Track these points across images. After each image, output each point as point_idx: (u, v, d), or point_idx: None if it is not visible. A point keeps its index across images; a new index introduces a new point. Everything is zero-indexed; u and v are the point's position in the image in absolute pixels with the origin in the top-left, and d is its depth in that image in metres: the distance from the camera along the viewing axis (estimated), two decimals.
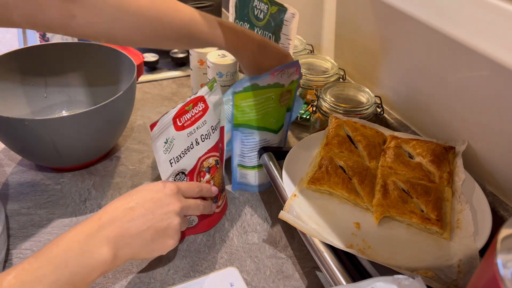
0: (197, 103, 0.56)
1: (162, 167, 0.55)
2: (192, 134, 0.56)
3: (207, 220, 0.64)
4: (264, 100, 0.64)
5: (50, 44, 0.80)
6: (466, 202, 0.55)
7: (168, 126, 0.53)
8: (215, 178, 0.62)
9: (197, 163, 0.59)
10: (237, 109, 0.63)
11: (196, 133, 0.57)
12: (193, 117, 0.56)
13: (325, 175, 0.59)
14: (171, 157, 0.55)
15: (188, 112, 0.55)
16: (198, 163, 0.59)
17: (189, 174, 0.58)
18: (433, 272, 0.47)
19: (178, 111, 0.54)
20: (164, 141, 0.54)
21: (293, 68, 0.64)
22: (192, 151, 0.57)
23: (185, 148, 0.56)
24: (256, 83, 0.61)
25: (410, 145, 0.63)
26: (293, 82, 0.66)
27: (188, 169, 0.58)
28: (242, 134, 0.66)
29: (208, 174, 0.61)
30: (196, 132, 0.57)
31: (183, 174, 0.58)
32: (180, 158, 0.56)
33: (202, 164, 0.59)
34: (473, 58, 0.60)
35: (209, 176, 0.61)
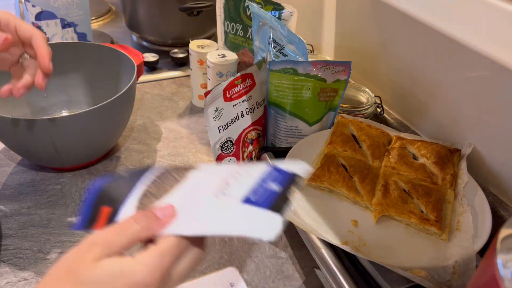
0: (246, 79, 0.62)
1: (212, 132, 0.61)
2: (237, 106, 0.63)
3: None
4: (300, 88, 0.64)
5: (50, 44, 0.80)
6: (468, 205, 0.55)
7: (219, 96, 0.60)
8: (257, 150, 0.69)
9: (242, 134, 0.65)
10: (272, 86, 0.65)
11: (241, 106, 0.63)
12: (240, 91, 0.62)
13: (326, 172, 0.59)
14: (220, 124, 0.61)
15: (236, 86, 0.62)
16: (243, 134, 0.65)
17: (236, 143, 0.65)
18: (427, 272, 0.47)
19: (228, 84, 0.60)
20: (214, 109, 0.60)
21: (340, 67, 0.64)
22: (238, 122, 0.64)
23: (232, 118, 0.63)
24: (295, 68, 0.63)
25: (415, 146, 0.64)
26: (339, 82, 0.65)
27: (234, 138, 0.64)
28: (276, 114, 0.68)
29: (251, 145, 0.67)
30: (242, 105, 0.63)
31: (230, 142, 0.64)
32: (227, 127, 0.63)
33: (247, 135, 0.65)
34: (473, 58, 0.60)
35: (252, 147, 0.67)
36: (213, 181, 0.37)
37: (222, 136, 0.63)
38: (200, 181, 0.38)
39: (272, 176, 0.37)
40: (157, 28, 1.08)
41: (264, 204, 0.34)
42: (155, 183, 0.39)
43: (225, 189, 0.36)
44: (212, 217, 0.35)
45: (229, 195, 0.35)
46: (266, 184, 0.36)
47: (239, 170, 0.38)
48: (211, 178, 0.38)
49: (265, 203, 0.34)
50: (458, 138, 0.66)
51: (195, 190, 0.37)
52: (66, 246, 0.61)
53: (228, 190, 0.36)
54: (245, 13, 0.86)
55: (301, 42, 0.68)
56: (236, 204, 0.34)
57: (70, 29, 0.97)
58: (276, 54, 0.70)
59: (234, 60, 0.83)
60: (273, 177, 0.37)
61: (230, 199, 0.35)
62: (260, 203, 0.34)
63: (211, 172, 0.40)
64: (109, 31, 1.22)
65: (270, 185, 0.36)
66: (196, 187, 0.38)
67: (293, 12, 0.78)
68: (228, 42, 0.92)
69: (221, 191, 0.36)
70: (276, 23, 0.67)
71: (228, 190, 0.36)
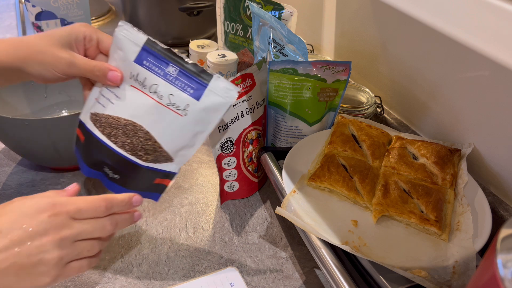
0: (246, 79, 0.62)
1: (212, 132, 0.58)
2: (237, 106, 0.62)
3: (247, 188, 0.70)
4: (300, 87, 0.64)
5: None
6: (468, 205, 0.55)
7: None
8: (257, 150, 0.69)
9: (242, 134, 0.64)
10: (272, 86, 0.65)
11: (241, 106, 0.62)
12: (240, 91, 0.62)
13: (326, 172, 0.59)
14: (220, 124, 0.61)
15: (236, 86, 0.59)
16: (243, 134, 0.64)
17: (236, 143, 0.64)
18: (427, 272, 0.47)
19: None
20: None
21: (340, 67, 0.64)
22: (238, 122, 0.63)
23: (232, 118, 0.62)
24: (295, 68, 0.63)
25: (415, 146, 0.64)
26: (339, 82, 0.65)
27: (234, 138, 0.64)
28: (276, 114, 0.68)
29: (251, 145, 0.67)
30: (242, 105, 0.63)
31: (230, 142, 0.64)
32: (227, 127, 0.62)
33: (247, 135, 0.65)
34: (473, 58, 0.60)
35: (252, 147, 0.67)
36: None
37: (222, 136, 0.63)
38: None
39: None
40: (157, 28, 1.08)
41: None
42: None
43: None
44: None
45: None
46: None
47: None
48: None
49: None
50: (458, 138, 0.66)
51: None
52: None
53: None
54: (245, 13, 0.86)
55: (301, 42, 0.68)
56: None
57: None
58: (276, 54, 0.70)
59: (234, 60, 0.83)
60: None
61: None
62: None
63: None
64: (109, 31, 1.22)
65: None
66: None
67: (293, 12, 0.78)
68: (228, 42, 0.92)
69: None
70: (276, 23, 0.67)
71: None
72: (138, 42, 0.48)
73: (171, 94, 0.47)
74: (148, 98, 0.48)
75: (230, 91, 0.46)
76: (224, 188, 0.68)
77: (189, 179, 0.75)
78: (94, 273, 0.57)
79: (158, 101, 0.47)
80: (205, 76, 0.46)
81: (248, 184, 0.70)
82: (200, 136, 0.49)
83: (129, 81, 0.48)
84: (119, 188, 0.52)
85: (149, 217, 0.67)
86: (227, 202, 0.70)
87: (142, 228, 0.64)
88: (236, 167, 0.67)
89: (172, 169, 0.51)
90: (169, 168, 0.50)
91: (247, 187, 0.70)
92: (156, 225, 0.65)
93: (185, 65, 0.47)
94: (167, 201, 0.70)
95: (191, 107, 0.47)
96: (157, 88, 0.47)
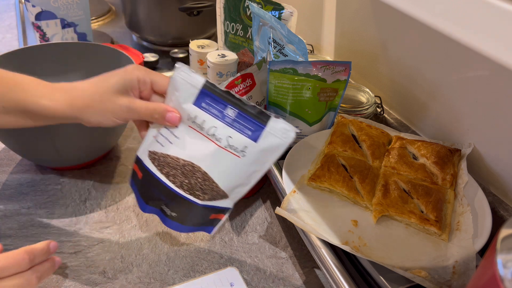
0: (246, 79, 0.61)
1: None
2: None
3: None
4: (300, 87, 0.64)
5: (50, 44, 0.80)
6: (468, 205, 0.55)
7: None
8: None
9: None
10: (272, 86, 0.65)
11: None
12: (240, 91, 0.61)
13: (326, 172, 0.59)
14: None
15: (236, 86, 0.60)
16: None
17: None
18: (427, 272, 0.47)
19: (228, 84, 0.59)
20: None
21: (340, 67, 0.64)
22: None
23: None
24: (295, 68, 0.62)
25: (415, 146, 0.64)
26: (339, 82, 0.65)
27: None
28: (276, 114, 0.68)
29: None
30: None
31: None
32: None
33: None
34: (473, 58, 0.60)
35: None
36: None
37: None
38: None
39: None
40: (157, 28, 1.08)
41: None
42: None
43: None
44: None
45: None
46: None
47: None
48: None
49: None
50: (458, 138, 0.66)
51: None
52: (66, 246, 0.61)
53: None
54: (245, 13, 0.86)
55: (301, 42, 0.68)
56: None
57: (70, 29, 0.97)
58: (276, 54, 0.70)
59: (234, 60, 0.83)
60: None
61: None
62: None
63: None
64: (109, 31, 1.22)
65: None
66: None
67: (293, 12, 0.78)
68: (228, 42, 0.92)
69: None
70: (276, 23, 0.67)
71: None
72: (196, 85, 0.47)
73: (230, 137, 0.47)
74: (206, 140, 0.48)
75: (288, 131, 0.45)
76: None
77: None
78: (94, 273, 0.57)
79: (217, 143, 0.48)
80: (263, 118, 0.46)
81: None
82: (256, 174, 0.49)
83: (187, 122, 0.48)
84: (176, 225, 0.53)
85: (149, 217, 0.67)
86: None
87: (142, 228, 0.64)
88: None
89: (227, 204, 0.51)
90: (224, 204, 0.51)
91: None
92: (156, 225, 0.65)
93: (244, 107, 0.47)
94: None
95: (249, 149, 0.47)
96: (216, 131, 0.47)
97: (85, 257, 0.60)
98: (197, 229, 0.53)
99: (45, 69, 0.81)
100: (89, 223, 0.65)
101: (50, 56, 0.80)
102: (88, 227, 0.64)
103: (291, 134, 0.45)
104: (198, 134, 0.48)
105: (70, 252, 0.60)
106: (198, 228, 0.53)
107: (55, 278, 0.56)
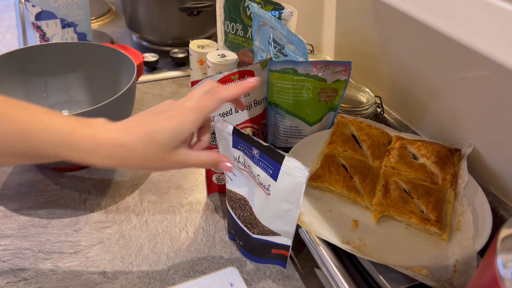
0: (244, 76, 0.62)
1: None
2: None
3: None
4: (300, 88, 0.64)
5: (50, 44, 0.80)
6: (468, 205, 0.55)
7: None
8: None
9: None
10: (272, 86, 0.65)
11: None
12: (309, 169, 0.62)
13: (327, 172, 0.59)
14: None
15: (232, 81, 0.61)
16: None
17: None
18: (428, 270, 0.47)
19: (223, 77, 0.60)
20: None
21: (340, 67, 0.64)
22: (231, 116, 0.63)
23: (224, 112, 0.62)
24: (295, 68, 0.63)
25: (415, 146, 0.64)
26: (339, 82, 0.65)
27: None
28: (276, 114, 0.68)
29: None
30: None
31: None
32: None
33: None
34: (473, 58, 0.60)
35: None
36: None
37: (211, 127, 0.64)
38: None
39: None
40: (157, 28, 1.08)
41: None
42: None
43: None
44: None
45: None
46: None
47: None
48: None
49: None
50: (458, 138, 0.66)
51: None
52: (66, 246, 0.61)
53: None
54: (245, 13, 0.86)
55: (301, 42, 0.68)
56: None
57: (70, 29, 0.97)
58: (276, 54, 0.70)
59: (234, 60, 0.83)
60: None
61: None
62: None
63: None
64: (109, 31, 1.22)
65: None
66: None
67: (293, 12, 0.78)
68: (228, 42, 0.92)
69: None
70: (276, 23, 0.67)
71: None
72: (229, 131, 0.51)
73: (258, 175, 0.50)
74: (249, 177, 0.53)
75: (301, 170, 0.46)
76: (213, 179, 0.69)
77: (189, 179, 0.75)
78: (94, 273, 0.57)
79: (254, 179, 0.52)
80: (278, 157, 0.47)
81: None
82: (292, 213, 0.50)
83: (235, 163, 0.53)
84: (247, 255, 0.60)
85: (149, 217, 0.67)
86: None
87: (142, 228, 0.64)
88: None
89: (283, 241, 0.55)
90: (280, 240, 0.55)
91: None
92: (156, 225, 0.65)
93: (262, 148, 0.49)
94: (167, 201, 0.70)
95: (272, 187, 0.49)
96: (251, 169, 0.51)
97: (85, 257, 0.60)
98: (269, 262, 0.59)
99: (45, 69, 0.81)
100: (89, 223, 0.65)
101: (50, 56, 0.80)
102: (88, 227, 0.64)
103: (304, 172, 0.46)
104: (245, 172, 0.53)
105: (70, 252, 0.60)
106: (269, 261, 0.59)
107: (55, 278, 0.56)
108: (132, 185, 0.73)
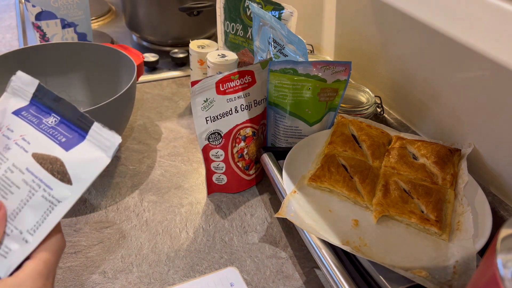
0: (244, 76, 0.63)
1: (198, 121, 0.62)
2: (232, 101, 0.63)
3: (236, 183, 0.70)
4: (300, 88, 0.64)
5: (50, 44, 0.80)
6: (468, 205, 0.55)
7: (210, 88, 0.61)
8: (250, 148, 0.69)
9: (233, 129, 0.65)
10: (272, 86, 0.65)
11: (236, 101, 0.64)
12: (237, 86, 0.63)
13: (327, 172, 0.59)
14: (208, 115, 0.62)
15: (232, 81, 0.62)
16: (235, 129, 0.65)
17: (225, 136, 0.65)
18: (427, 272, 0.47)
19: (223, 77, 0.61)
20: (203, 99, 0.61)
21: (340, 67, 0.64)
22: (230, 116, 0.64)
23: (224, 112, 0.63)
24: (295, 68, 0.63)
25: (415, 146, 0.64)
26: (339, 82, 0.65)
27: (224, 131, 0.65)
28: (276, 114, 0.69)
29: (243, 142, 0.67)
30: (236, 101, 0.64)
31: (218, 135, 0.65)
32: (216, 119, 0.63)
33: (239, 131, 0.66)
34: (473, 58, 0.60)
35: (243, 144, 0.67)
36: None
37: (209, 127, 0.64)
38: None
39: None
40: (157, 28, 1.08)
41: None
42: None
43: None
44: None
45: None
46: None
47: None
48: None
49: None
50: (458, 138, 0.66)
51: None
52: (66, 246, 0.61)
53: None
54: (245, 13, 0.86)
55: (301, 42, 0.68)
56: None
57: (70, 29, 0.97)
58: (276, 54, 0.70)
59: (234, 60, 0.83)
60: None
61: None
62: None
63: None
64: (109, 31, 1.22)
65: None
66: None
67: (293, 12, 0.78)
68: (228, 42, 0.92)
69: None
70: (276, 23, 0.67)
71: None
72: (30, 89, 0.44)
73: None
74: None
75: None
76: (213, 179, 0.70)
77: (189, 179, 0.75)
78: (94, 273, 0.57)
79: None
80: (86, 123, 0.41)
81: (237, 180, 0.70)
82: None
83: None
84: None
85: (149, 217, 0.67)
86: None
87: (142, 228, 0.64)
88: (224, 160, 0.67)
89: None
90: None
91: (236, 182, 0.71)
92: (156, 225, 0.65)
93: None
94: (167, 201, 0.70)
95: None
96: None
97: (85, 257, 0.60)
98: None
99: (45, 69, 0.81)
100: (89, 223, 0.65)
101: (50, 56, 0.80)
102: (88, 227, 0.64)
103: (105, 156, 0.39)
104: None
105: (70, 252, 0.60)
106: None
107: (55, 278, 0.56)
108: (132, 185, 0.73)
